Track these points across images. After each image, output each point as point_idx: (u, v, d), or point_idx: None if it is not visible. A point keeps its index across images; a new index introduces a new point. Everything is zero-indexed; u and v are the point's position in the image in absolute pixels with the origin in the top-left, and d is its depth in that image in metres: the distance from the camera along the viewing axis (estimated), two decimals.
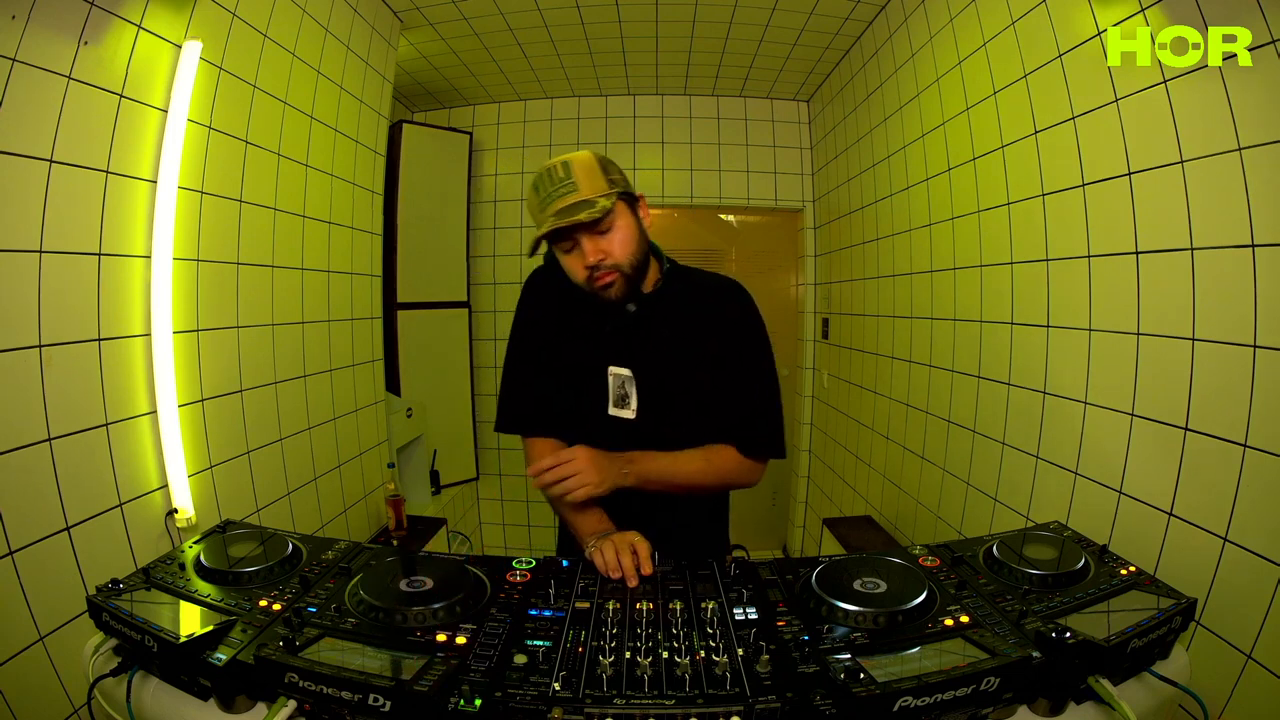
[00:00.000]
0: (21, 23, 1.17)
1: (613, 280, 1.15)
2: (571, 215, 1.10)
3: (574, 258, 1.16)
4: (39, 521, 1.23)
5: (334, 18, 2.21)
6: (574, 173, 1.13)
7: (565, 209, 1.10)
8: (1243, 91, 1.10)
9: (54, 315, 1.26)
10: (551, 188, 1.12)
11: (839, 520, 2.91)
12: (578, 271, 1.16)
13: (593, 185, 1.13)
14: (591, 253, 1.13)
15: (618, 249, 1.15)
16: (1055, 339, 1.61)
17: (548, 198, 1.12)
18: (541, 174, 1.15)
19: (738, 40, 2.97)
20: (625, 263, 1.16)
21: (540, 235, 1.12)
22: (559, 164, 1.14)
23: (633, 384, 1.24)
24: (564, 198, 1.11)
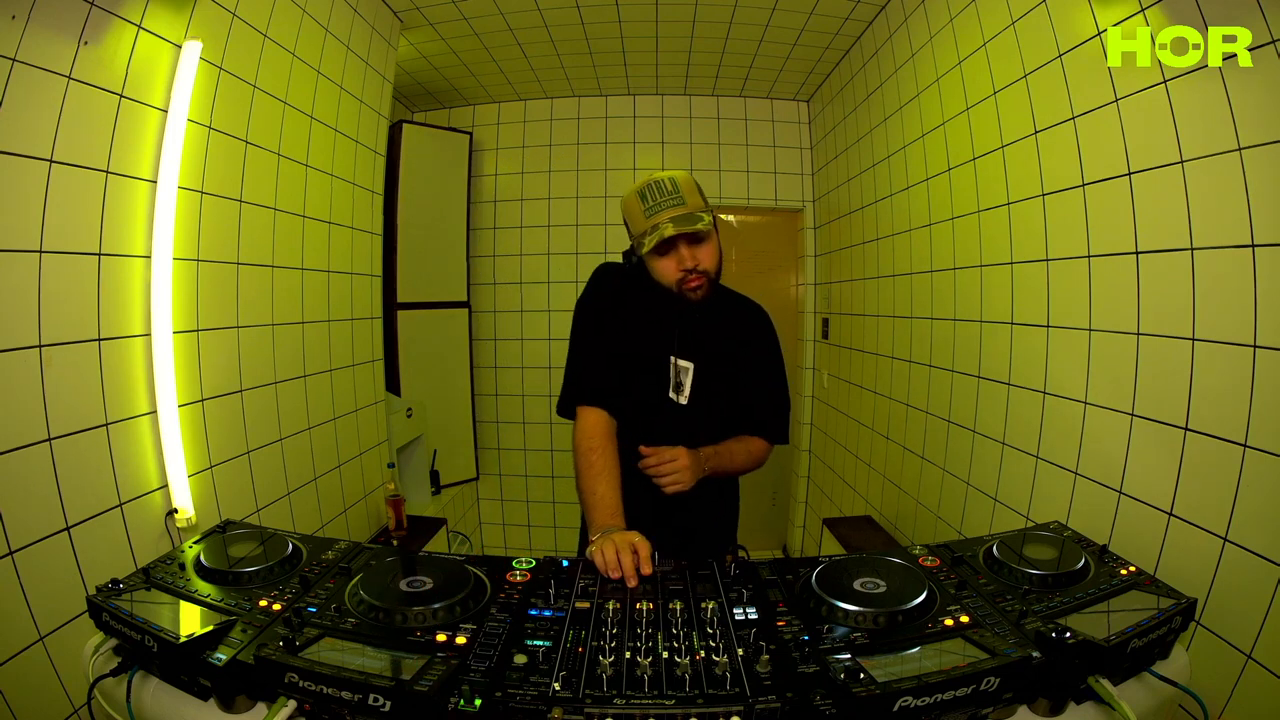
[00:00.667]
0: (21, 23, 1.17)
1: (701, 284, 1.33)
2: (691, 225, 1.26)
3: (670, 260, 1.32)
4: (39, 521, 1.23)
5: (334, 18, 2.21)
6: (680, 189, 1.30)
7: (681, 218, 1.27)
8: (1243, 91, 1.10)
9: (54, 315, 1.26)
10: (661, 198, 1.29)
11: (839, 520, 2.91)
12: (671, 273, 1.32)
13: (696, 202, 1.30)
14: (689, 258, 1.30)
15: (709, 259, 1.34)
16: (1055, 339, 1.61)
17: (656, 207, 1.28)
18: (649, 185, 1.30)
19: (738, 40, 2.97)
20: (713, 271, 1.35)
21: (663, 238, 1.26)
22: (666, 179, 1.31)
23: (689, 375, 1.43)
24: (673, 209, 1.28)
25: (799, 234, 3.75)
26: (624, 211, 1.38)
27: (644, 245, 1.29)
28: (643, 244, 1.29)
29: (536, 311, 3.75)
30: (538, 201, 3.74)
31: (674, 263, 1.32)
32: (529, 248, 3.76)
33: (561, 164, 3.72)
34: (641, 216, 1.30)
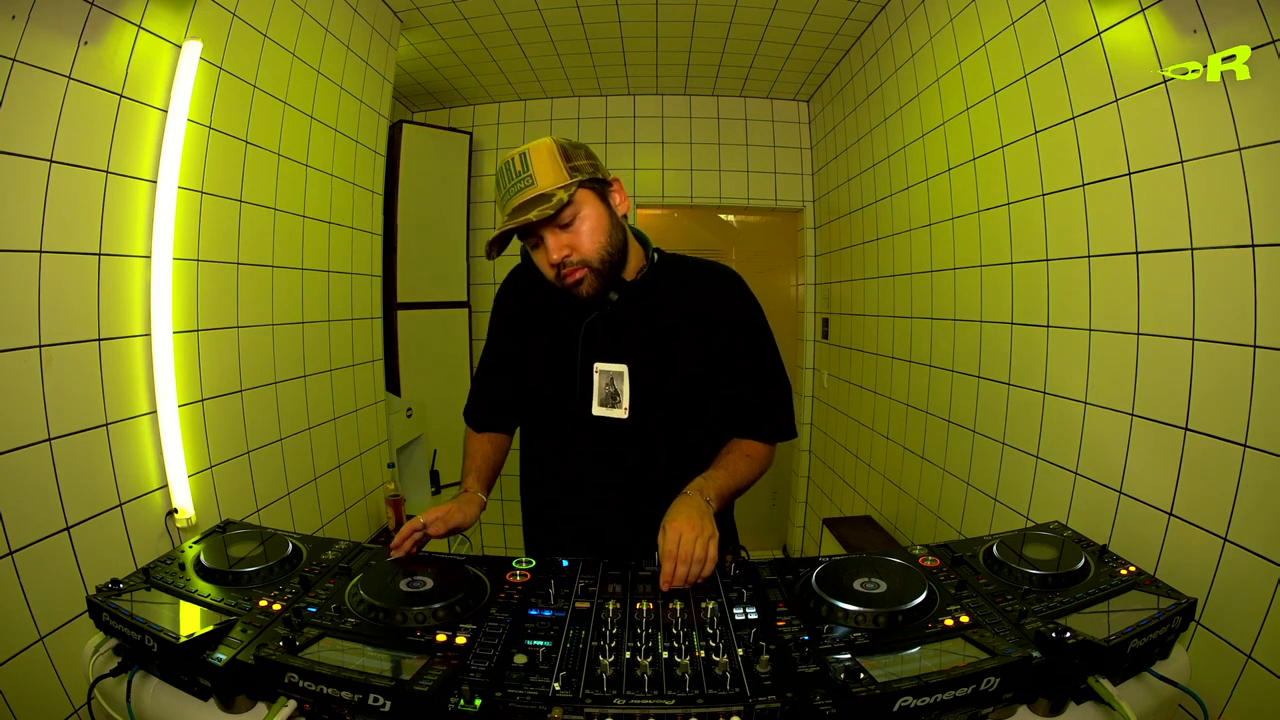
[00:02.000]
0: (21, 23, 1.17)
1: (581, 277, 1.09)
2: (523, 214, 1.03)
3: (540, 254, 1.11)
4: (39, 521, 1.23)
5: (334, 18, 2.21)
6: (531, 164, 1.06)
7: (519, 206, 1.05)
8: (1243, 91, 1.10)
9: (54, 315, 1.26)
10: (510, 182, 1.06)
11: (839, 520, 2.91)
12: (546, 269, 1.12)
13: (552, 176, 1.06)
14: (555, 249, 1.07)
15: (585, 242, 1.08)
16: (1055, 339, 1.61)
17: (506, 193, 1.07)
18: (501, 168, 1.09)
19: (738, 40, 2.97)
20: (594, 256, 1.09)
21: (494, 237, 1.06)
22: (517, 155, 1.07)
23: (624, 380, 1.16)
24: (521, 192, 1.05)
25: (799, 234, 3.75)
26: None
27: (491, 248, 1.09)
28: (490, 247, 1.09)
29: None
30: None
31: (543, 257, 1.10)
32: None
33: None
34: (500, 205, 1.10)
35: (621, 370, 1.17)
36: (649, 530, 1.07)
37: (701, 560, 0.99)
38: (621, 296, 1.15)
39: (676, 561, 0.98)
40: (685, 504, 1.06)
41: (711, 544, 1.01)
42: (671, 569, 0.98)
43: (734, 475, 1.17)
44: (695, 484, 1.11)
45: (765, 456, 1.25)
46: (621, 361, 1.17)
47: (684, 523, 1.01)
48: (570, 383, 1.19)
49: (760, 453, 1.24)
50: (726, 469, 1.17)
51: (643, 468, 1.18)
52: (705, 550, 1.00)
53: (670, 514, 1.05)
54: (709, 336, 1.19)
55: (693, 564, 0.99)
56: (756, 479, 1.23)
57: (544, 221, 1.05)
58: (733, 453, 1.21)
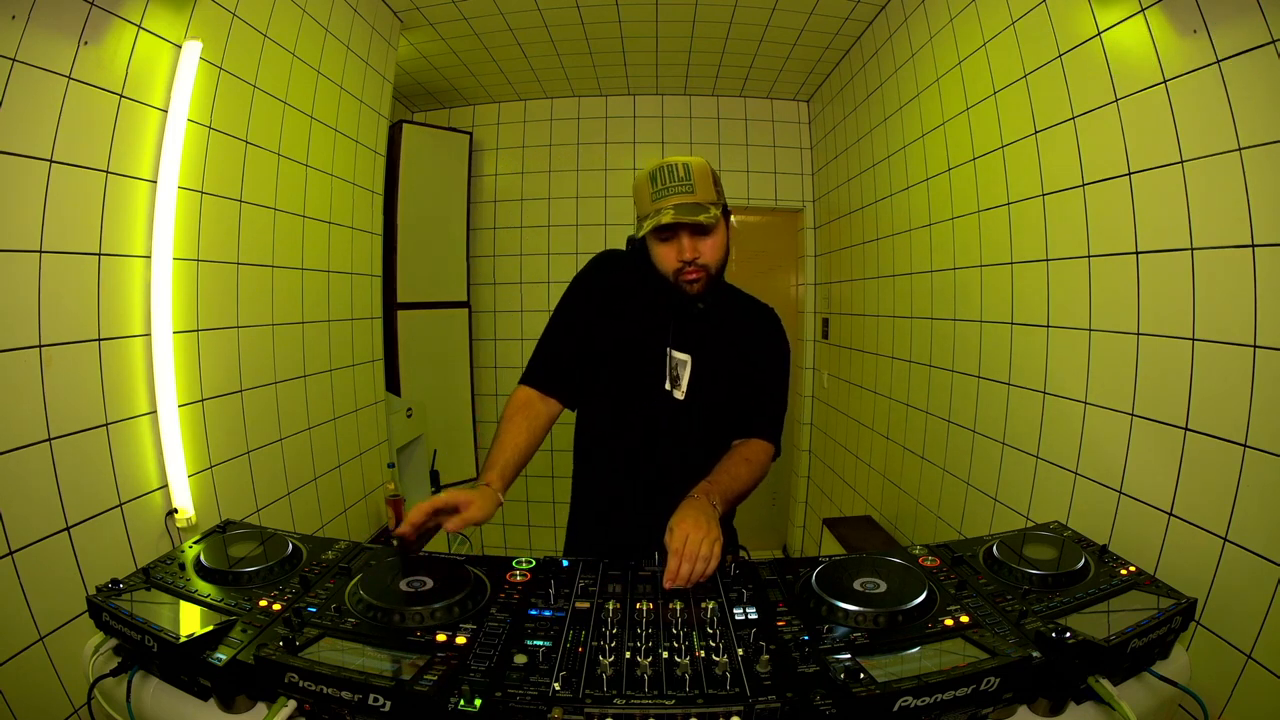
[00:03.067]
0: (21, 23, 1.17)
1: (699, 278, 1.28)
2: (693, 215, 1.21)
3: (670, 248, 1.27)
4: (39, 521, 1.23)
5: (334, 18, 2.21)
6: (693, 176, 1.24)
7: (685, 206, 1.21)
8: (1243, 91, 1.10)
9: (54, 315, 1.26)
10: (671, 183, 1.23)
11: (839, 520, 2.91)
12: (670, 261, 1.27)
13: (706, 192, 1.25)
14: (690, 249, 1.25)
15: (711, 253, 1.28)
16: (1055, 339, 1.61)
17: (664, 190, 1.23)
18: (661, 168, 1.25)
19: (738, 40, 2.97)
20: (713, 265, 1.29)
21: (660, 224, 1.21)
22: (680, 164, 1.25)
23: (686, 368, 1.35)
24: (681, 195, 1.22)
25: (799, 234, 3.75)
26: (634, 191, 1.33)
27: (643, 227, 1.25)
28: (643, 226, 1.25)
29: (536, 311, 3.74)
30: (538, 201, 3.74)
31: (674, 251, 1.27)
32: (529, 248, 3.76)
33: (561, 164, 3.72)
34: (648, 198, 1.26)
35: (686, 359, 1.36)
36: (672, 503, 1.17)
37: (706, 559, 1.03)
38: (705, 306, 1.34)
39: (682, 559, 1.02)
40: (692, 506, 1.13)
41: (716, 545, 1.06)
42: (676, 565, 1.02)
43: (736, 480, 1.28)
44: (701, 487, 1.20)
45: (763, 461, 1.37)
46: (688, 352, 1.36)
47: (691, 524, 1.07)
48: (648, 363, 1.36)
49: (759, 457, 1.36)
50: (729, 474, 1.28)
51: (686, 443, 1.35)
52: (710, 550, 1.04)
53: (678, 515, 1.10)
54: (746, 353, 1.41)
55: (697, 562, 1.03)
56: (756, 485, 1.35)
57: (697, 226, 1.24)
58: (733, 457, 1.33)
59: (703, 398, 1.36)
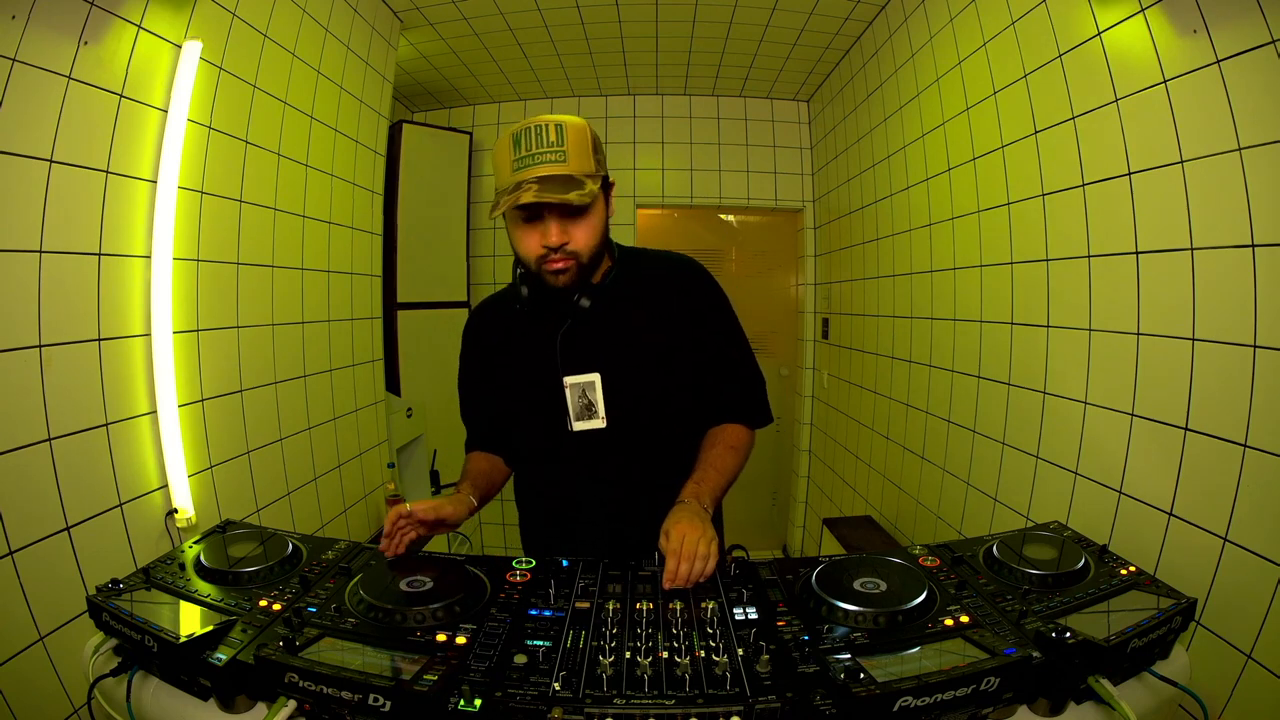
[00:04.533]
0: (21, 23, 1.17)
1: (566, 267, 1.08)
2: (561, 193, 1.00)
3: (533, 231, 1.07)
4: (39, 521, 1.23)
5: (334, 18, 2.21)
6: (567, 140, 1.02)
7: (552, 180, 1.01)
8: (1243, 91, 1.10)
9: (54, 315, 1.26)
10: (538, 148, 1.01)
11: (839, 520, 2.91)
12: (533, 248, 1.08)
13: (582, 162, 1.04)
14: (557, 234, 1.05)
15: (584, 238, 1.08)
16: (1055, 339, 1.61)
17: (529, 158, 1.02)
18: (527, 129, 1.03)
19: (738, 40, 2.97)
20: (585, 253, 1.09)
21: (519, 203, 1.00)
22: (552, 124, 1.03)
23: (596, 390, 1.16)
24: (550, 164, 1.01)
25: (799, 234, 3.75)
26: (493, 159, 1.09)
27: (499, 204, 1.03)
28: (497, 203, 1.03)
29: None
30: None
31: (536, 236, 1.06)
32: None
33: None
34: (508, 167, 1.03)
35: (593, 380, 1.17)
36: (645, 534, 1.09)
37: (705, 558, 1.00)
38: (592, 302, 1.14)
39: (680, 559, 0.99)
40: (684, 510, 1.08)
41: (713, 545, 1.03)
42: (675, 566, 0.99)
43: (723, 473, 1.18)
44: (689, 490, 1.13)
45: (747, 444, 1.25)
46: (593, 371, 1.17)
47: (686, 525, 1.03)
48: (545, 399, 1.18)
49: (742, 441, 1.23)
50: (715, 468, 1.17)
51: (628, 474, 1.19)
52: (708, 549, 1.01)
53: (671, 519, 1.06)
54: (675, 329, 1.19)
55: (695, 560, 1.00)
56: (742, 469, 1.23)
57: (565, 207, 1.03)
58: (716, 446, 1.20)
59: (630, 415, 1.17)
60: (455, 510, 1.13)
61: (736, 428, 1.24)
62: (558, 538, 1.27)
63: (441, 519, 1.10)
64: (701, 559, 1.00)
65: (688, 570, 1.00)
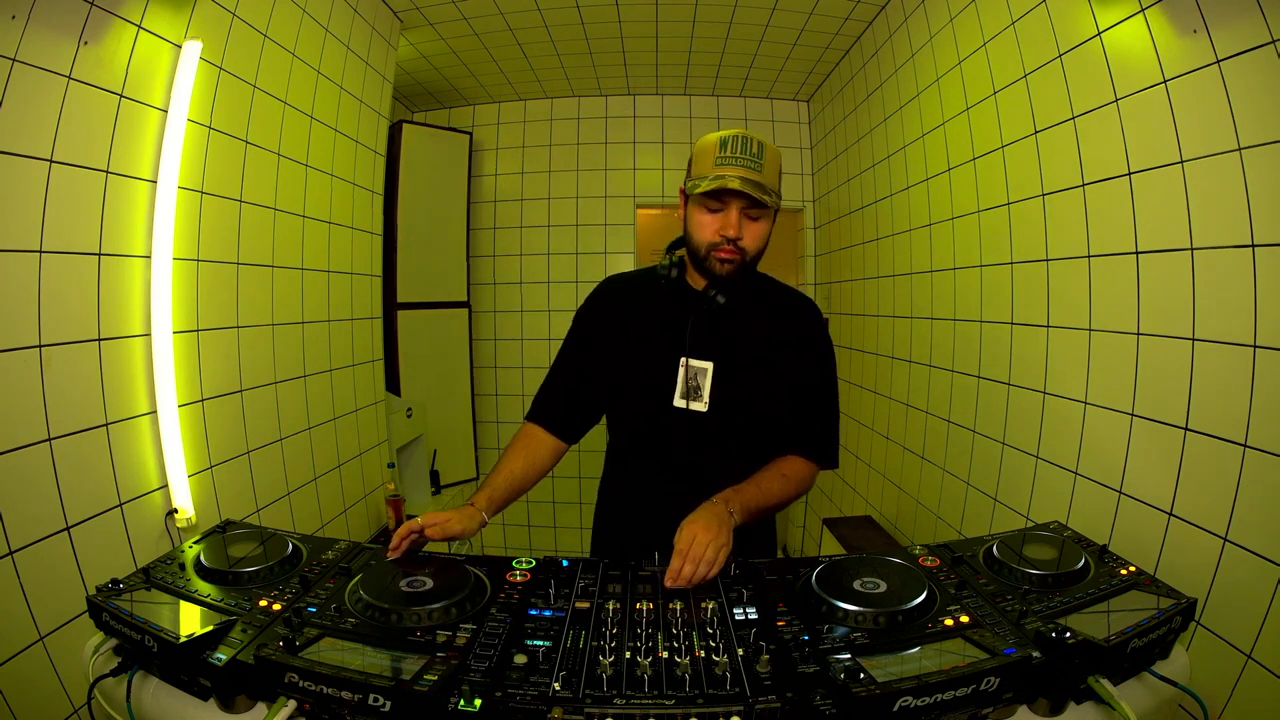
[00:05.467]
0: (21, 23, 1.17)
1: (734, 260, 1.19)
2: (759, 191, 1.13)
3: (715, 219, 1.18)
4: (39, 521, 1.23)
5: (334, 18, 2.21)
6: (765, 156, 1.17)
7: (752, 181, 1.14)
8: (1243, 91, 1.10)
9: (54, 315, 1.26)
10: (741, 154, 1.16)
11: (839, 520, 2.91)
12: (709, 232, 1.19)
13: (772, 178, 1.18)
14: (736, 226, 1.17)
15: (754, 239, 1.20)
16: (1055, 339, 1.61)
17: (732, 159, 1.15)
18: (736, 136, 1.17)
19: (738, 40, 2.97)
20: (752, 252, 1.21)
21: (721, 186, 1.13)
22: (756, 141, 1.17)
23: (707, 376, 1.25)
24: (748, 169, 1.15)
25: (799, 234, 3.75)
26: (695, 152, 1.23)
27: (699, 185, 1.16)
28: (698, 184, 1.16)
29: (536, 311, 3.74)
30: (538, 201, 3.74)
31: (717, 222, 1.18)
32: (529, 248, 3.76)
33: (561, 164, 3.72)
34: (711, 161, 1.17)
35: (707, 367, 1.25)
36: None
37: (710, 563, 1.02)
38: (728, 300, 1.23)
39: (685, 559, 1.01)
40: (707, 509, 1.10)
41: (722, 552, 1.04)
42: (679, 565, 1.01)
43: (764, 493, 1.22)
44: (724, 494, 1.16)
45: (803, 478, 1.29)
46: (708, 359, 1.26)
47: (700, 526, 1.05)
48: (657, 378, 1.27)
49: (799, 474, 1.28)
50: (758, 485, 1.22)
51: (716, 460, 1.24)
52: (715, 555, 1.03)
53: (691, 515, 1.09)
54: (786, 354, 1.29)
55: (700, 564, 1.01)
56: (790, 500, 1.28)
57: (754, 202, 1.16)
58: (770, 470, 1.25)
59: (730, 407, 1.25)
60: (465, 528, 1.15)
61: (799, 460, 1.29)
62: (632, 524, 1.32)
63: (450, 537, 1.13)
64: (706, 563, 1.02)
65: (690, 572, 1.01)
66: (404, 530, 1.09)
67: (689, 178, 1.22)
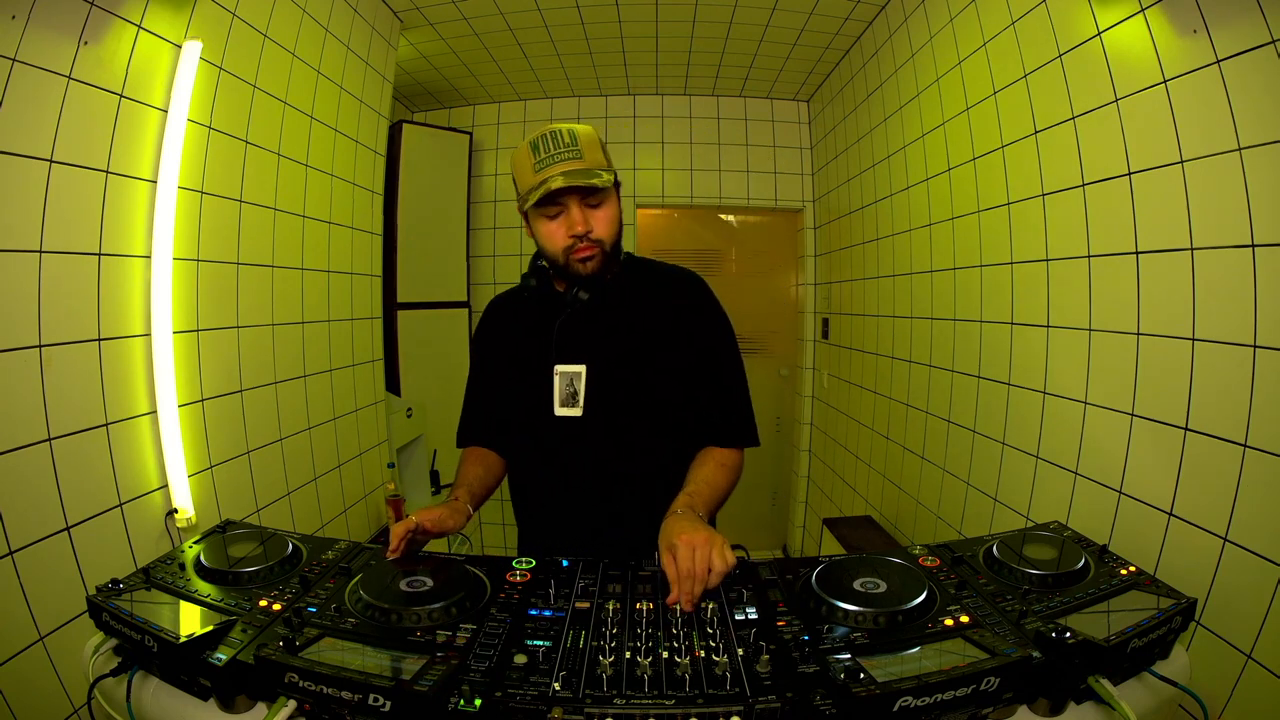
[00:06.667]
0: (21, 23, 1.17)
1: (593, 254, 1.16)
2: (586, 179, 1.10)
3: (559, 224, 1.15)
4: (39, 521, 1.23)
5: (334, 18, 2.21)
6: (580, 141, 1.13)
7: (575, 171, 1.10)
8: (1243, 91, 1.10)
9: (54, 315, 1.26)
10: (556, 149, 1.12)
11: (839, 520, 2.91)
12: (559, 239, 1.16)
13: (595, 157, 1.14)
14: (581, 221, 1.13)
15: (605, 225, 1.17)
16: (1055, 339, 1.61)
17: (549, 159, 1.12)
18: (544, 135, 1.14)
19: (738, 40, 2.97)
20: (607, 240, 1.17)
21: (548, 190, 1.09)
22: (565, 130, 1.14)
23: (581, 379, 1.21)
24: (567, 161, 1.11)
25: (799, 234, 3.75)
26: (513, 168, 1.19)
27: (528, 199, 1.12)
28: (529, 198, 1.12)
29: None
30: None
31: (562, 227, 1.14)
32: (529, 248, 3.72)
33: None
34: (530, 170, 1.13)
35: (580, 370, 1.22)
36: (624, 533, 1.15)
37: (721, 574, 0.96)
38: (592, 295, 1.19)
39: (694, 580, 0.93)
40: (683, 521, 1.04)
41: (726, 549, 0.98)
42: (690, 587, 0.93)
43: (714, 488, 1.19)
44: (682, 501, 1.10)
45: (737, 464, 1.26)
46: (580, 361, 1.22)
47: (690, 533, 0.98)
48: (537, 387, 1.24)
49: (733, 461, 1.25)
50: (707, 482, 1.18)
51: (601, 464, 1.21)
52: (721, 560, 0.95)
53: (673, 530, 1.01)
54: (671, 340, 1.23)
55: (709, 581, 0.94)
56: (733, 488, 1.24)
57: (584, 193, 1.13)
58: (707, 464, 1.22)
59: (608, 410, 1.20)
60: (456, 523, 1.16)
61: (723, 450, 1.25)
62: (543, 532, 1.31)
63: (444, 531, 1.14)
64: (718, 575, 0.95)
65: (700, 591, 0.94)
66: (400, 529, 1.09)
67: (519, 197, 1.18)
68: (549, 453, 1.25)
